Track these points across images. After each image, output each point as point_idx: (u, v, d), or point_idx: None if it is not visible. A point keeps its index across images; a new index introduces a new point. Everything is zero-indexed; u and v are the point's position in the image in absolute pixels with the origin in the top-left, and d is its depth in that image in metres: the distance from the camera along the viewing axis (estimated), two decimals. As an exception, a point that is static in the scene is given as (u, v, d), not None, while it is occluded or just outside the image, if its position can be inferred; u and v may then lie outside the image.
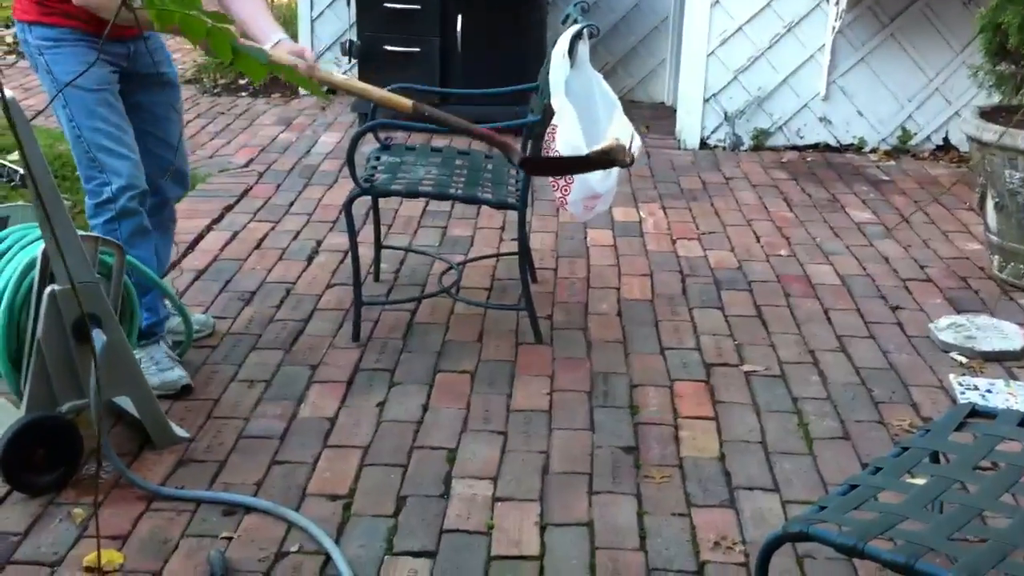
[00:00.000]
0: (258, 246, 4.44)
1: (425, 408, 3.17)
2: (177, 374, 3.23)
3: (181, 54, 7.85)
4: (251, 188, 5.18)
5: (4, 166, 4.75)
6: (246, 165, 5.57)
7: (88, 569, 2.43)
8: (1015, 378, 3.38)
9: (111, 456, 2.73)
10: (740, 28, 5.83)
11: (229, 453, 2.92)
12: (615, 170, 3.44)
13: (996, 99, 4.36)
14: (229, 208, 4.88)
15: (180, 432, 2.97)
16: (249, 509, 2.66)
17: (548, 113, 3.52)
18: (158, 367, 3.22)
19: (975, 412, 2.39)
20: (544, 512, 2.67)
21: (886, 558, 1.86)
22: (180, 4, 1.43)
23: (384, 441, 2.98)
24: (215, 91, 7.12)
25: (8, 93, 2.54)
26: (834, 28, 5.76)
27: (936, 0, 5.77)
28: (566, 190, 3.39)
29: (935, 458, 2.27)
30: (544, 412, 3.15)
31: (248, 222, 4.71)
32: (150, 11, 1.43)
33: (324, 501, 2.71)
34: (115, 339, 2.76)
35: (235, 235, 4.55)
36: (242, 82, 7.26)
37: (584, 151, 3.20)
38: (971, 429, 2.34)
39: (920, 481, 2.15)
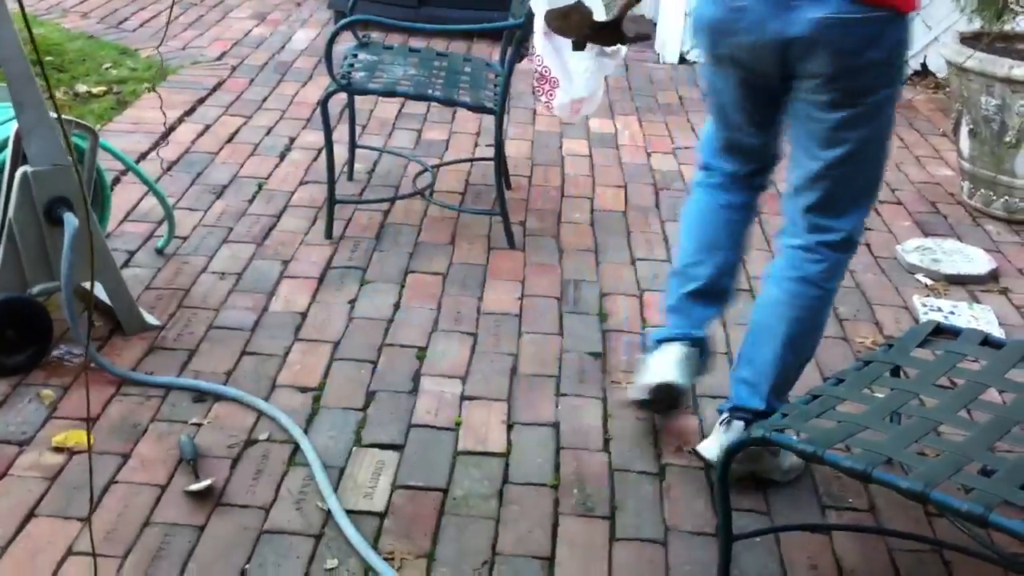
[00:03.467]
0: (230, 140, 4.40)
1: (396, 307, 3.18)
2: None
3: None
4: (224, 81, 5.11)
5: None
6: (219, 58, 5.48)
7: (56, 449, 2.44)
8: (978, 301, 3.44)
9: (81, 340, 2.73)
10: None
11: (199, 342, 2.93)
12: (600, 74, 3.43)
13: (977, 25, 4.35)
14: (201, 101, 4.82)
15: (150, 319, 2.97)
16: (219, 397, 2.68)
17: (530, 17, 3.49)
18: None
19: (938, 330, 2.43)
20: (511, 411, 2.71)
21: (844, 465, 1.91)
22: None
23: (355, 337, 3.00)
24: (188, -19, 6.97)
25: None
26: (819, -53, 5.69)
27: (923, -77, 5.72)
28: (551, 95, 3.38)
29: (896, 372, 2.32)
30: (514, 316, 3.18)
31: (220, 115, 4.66)
32: None
33: (294, 392, 2.73)
34: (86, 224, 2.75)
35: (207, 128, 4.50)
36: (216, -26, 7.10)
37: (566, 54, 3.20)
38: (933, 347, 2.38)
39: (881, 394, 2.20)
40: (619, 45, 2.98)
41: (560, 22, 3.17)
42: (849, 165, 2.34)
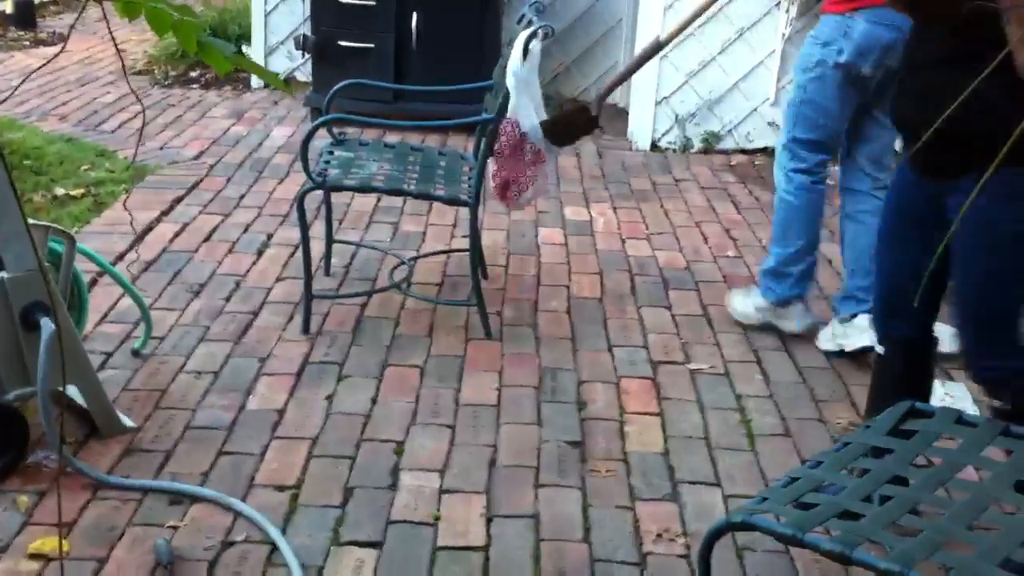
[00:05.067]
0: (208, 238, 4.42)
1: (374, 401, 3.18)
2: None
3: (131, 45, 7.78)
4: (201, 180, 5.15)
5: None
6: (197, 157, 5.54)
7: (33, 556, 2.42)
8: (951, 379, 3.46)
9: (57, 445, 2.71)
10: (692, 32, 5.89)
11: (176, 443, 2.92)
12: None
13: (940, 107, 4.44)
14: (179, 200, 4.85)
15: (127, 422, 2.96)
16: (196, 499, 2.66)
17: (502, 111, 3.55)
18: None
19: (914, 410, 2.45)
20: (490, 504, 2.70)
21: (825, 547, 1.91)
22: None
23: (332, 433, 3.00)
24: (166, 83, 7.07)
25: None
26: (784, 34, 5.84)
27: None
28: (524, 187, 3.46)
29: (875, 453, 2.33)
30: (492, 406, 3.18)
31: (198, 214, 4.69)
32: (116, 3, 1.44)
33: (271, 491, 2.72)
34: (63, 328, 2.75)
35: (185, 227, 4.53)
36: (193, 74, 7.21)
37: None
38: (910, 426, 2.40)
39: (859, 475, 2.21)
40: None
41: (563, 127, 3.33)
42: None
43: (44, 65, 2.33)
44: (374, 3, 6.00)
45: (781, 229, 3.69)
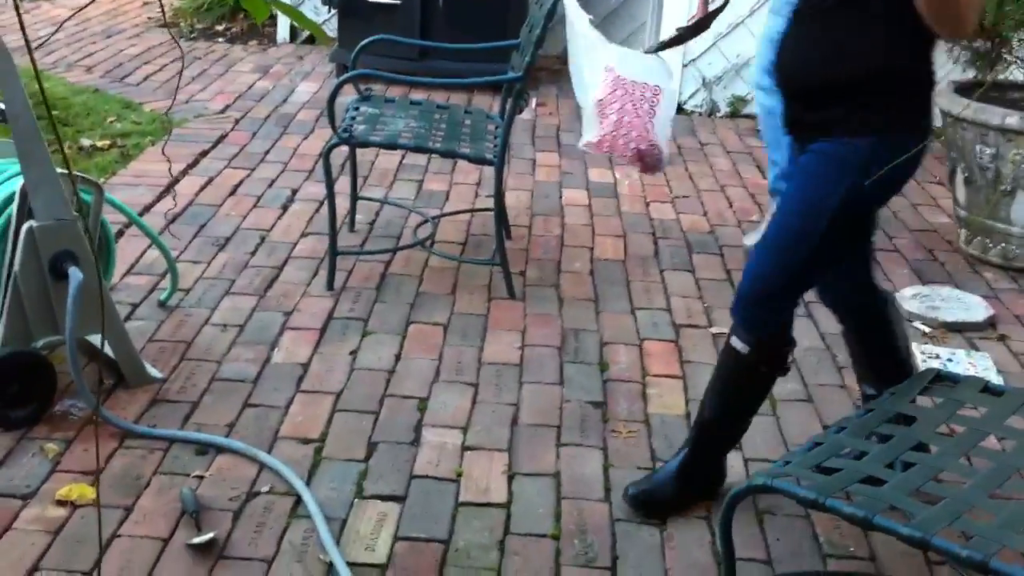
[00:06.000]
0: (233, 192, 4.44)
1: (398, 357, 3.20)
2: None
3: (158, -3, 7.76)
4: (227, 135, 5.16)
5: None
6: (222, 111, 5.54)
7: (60, 502, 2.45)
8: (976, 348, 3.46)
9: (85, 393, 2.74)
10: (721, -6, 5.84)
11: (202, 395, 2.94)
12: None
13: (971, 74, 4.40)
14: (204, 153, 4.86)
15: (153, 372, 2.99)
16: (221, 449, 2.69)
17: (528, 70, 3.54)
18: None
19: (939, 377, 2.45)
20: (512, 462, 2.72)
21: (846, 512, 1.92)
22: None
23: (356, 388, 3.02)
24: (192, 36, 7.06)
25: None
26: (814, -2, 5.78)
27: (916, -25, 5.80)
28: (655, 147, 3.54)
29: (898, 419, 2.33)
30: (515, 365, 3.19)
31: (223, 168, 4.70)
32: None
33: (296, 444, 2.74)
34: (91, 277, 2.77)
35: (210, 180, 4.54)
36: (219, 28, 7.20)
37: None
38: (934, 394, 2.40)
39: (882, 441, 2.21)
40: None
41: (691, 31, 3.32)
42: None
43: (74, 15, 2.33)
44: (401, -41, 5.97)
45: None
